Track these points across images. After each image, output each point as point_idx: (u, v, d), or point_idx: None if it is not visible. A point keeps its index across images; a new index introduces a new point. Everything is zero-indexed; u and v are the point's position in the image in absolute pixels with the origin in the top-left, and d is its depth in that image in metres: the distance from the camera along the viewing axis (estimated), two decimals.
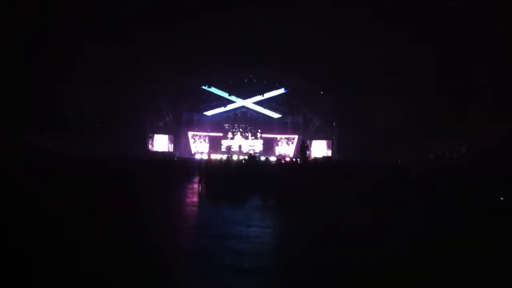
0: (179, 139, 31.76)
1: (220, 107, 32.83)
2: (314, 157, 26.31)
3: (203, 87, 31.26)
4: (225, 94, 31.88)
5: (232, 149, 31.80)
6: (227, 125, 32.97)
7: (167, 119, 30.68)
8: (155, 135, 30.42)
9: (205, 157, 21.31)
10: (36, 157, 14.44)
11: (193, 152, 31.32)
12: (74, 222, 6.71)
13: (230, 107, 32.89)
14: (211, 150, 30.67)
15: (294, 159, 22.92)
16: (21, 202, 6.67)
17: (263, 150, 32.29)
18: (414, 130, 21.48)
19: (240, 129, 32.88)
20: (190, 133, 32.27)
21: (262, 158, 18.43)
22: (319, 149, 31.28)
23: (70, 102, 21.51)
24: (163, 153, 29.17)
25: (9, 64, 17.61)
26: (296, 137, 32.41)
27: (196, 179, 14.98)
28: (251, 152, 29.60)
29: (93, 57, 21.17)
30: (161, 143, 30.72)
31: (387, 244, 6.20)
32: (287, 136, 33.06)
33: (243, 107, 33.13)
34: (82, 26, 19.59)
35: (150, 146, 29.61)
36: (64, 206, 7.36)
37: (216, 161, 16.23)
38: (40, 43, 18.69)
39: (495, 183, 8.68)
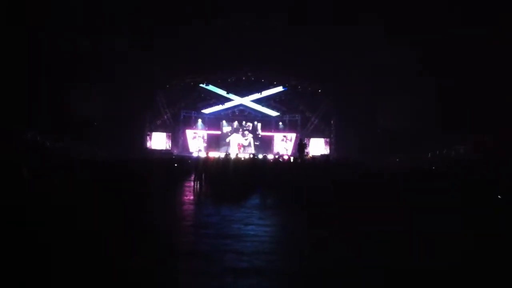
0: (177, 137, 31.73)
1: (218, 105, 32.79)
2: (312, 155, 26.31)
3: (201, 85, 31.19)
4: (223, 92, 31.81)
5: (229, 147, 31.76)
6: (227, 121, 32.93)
7: (165, 117, 30.61)
8: (153, 133, 30.36)
9: (203, 155, 21.27)
10: (34, 156, 14.39)
11: (191, 150, 31.26)
12: (72, 223, 6.68)
13: (228, 105, 32.85)
14: (209, 148, 30.59)
15: (292, 157, 22.90)
16: (29, 201, 6.64)
17: (259, 147, 32.20)
18: (414, 130, 21.47)
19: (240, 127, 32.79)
20: (188, 131, 32.23)
21: (260, 156, 18.39)
22: (317, 147, 31.31)
23: (66, 101, 21.45)
24: (161, 151, 29.12)
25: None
26: (294, 135, 32.43)
27: (194, 177, 14.97)
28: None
29: (90, 55, 21.11)
30: (159, 141, 30.65)
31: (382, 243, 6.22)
32: (285, 134, 33.10)
33: (241, 105, 33.09)
34: (77, 24, 19.44)
35: (148, 144, 29.53)
36: (62, 206, 7.33)
37: (214, 159, 16.19)
38: (35, 42, 18.58)
39: (494, 182, 8.69)
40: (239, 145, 32.27)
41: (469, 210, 8.20)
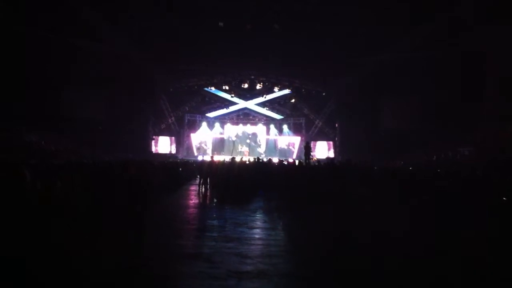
0: (181, 141, 31.79)
1: (223, 108, 32.83)
2: (317, 159, 26.24)
3: (206, 88, 31.29)
4: (227, 96, 31.86)
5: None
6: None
7: (170, 120, 30.72)
8: (158, 137, 30.45)
9: (207, 158, 21.18)
10: (35, 156, 14.46)
11: (195, 154, 31.28)
12: (73, 223, 6.71)
13: (232, 108, 32.90)
14: (214, 152, 30.58)
15: (297, 161, 22.86)
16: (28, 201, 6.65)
17: (264, 150, 32.18)
18: (419, 132, 21.39)
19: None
20: (192, 135, 32.27)
21: (265, 160, 18.40)
22: (322, 150, 31.24)
23: (71, 104, 21.58)
24: (165, 155, 29.19)
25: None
26: (299, 138, 32.38)
27: (199, 181, 15.00)
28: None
29: (95, 58, 21.23)
30: (163, 145, 30.77)
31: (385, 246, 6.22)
32: (290, 137, 33.09)
33: (245, 108, 33.11)
34: (79, 26, 19.54)
35: (153, 148, 29.61)
36: (69, 208, 7.36)
37: (219, 162, 16.18)
38: (37, 43, 18.71)
39: (498, 184, 8.63)
40: (245, 151, 32.16)
41: (474, 211, 8.13)
